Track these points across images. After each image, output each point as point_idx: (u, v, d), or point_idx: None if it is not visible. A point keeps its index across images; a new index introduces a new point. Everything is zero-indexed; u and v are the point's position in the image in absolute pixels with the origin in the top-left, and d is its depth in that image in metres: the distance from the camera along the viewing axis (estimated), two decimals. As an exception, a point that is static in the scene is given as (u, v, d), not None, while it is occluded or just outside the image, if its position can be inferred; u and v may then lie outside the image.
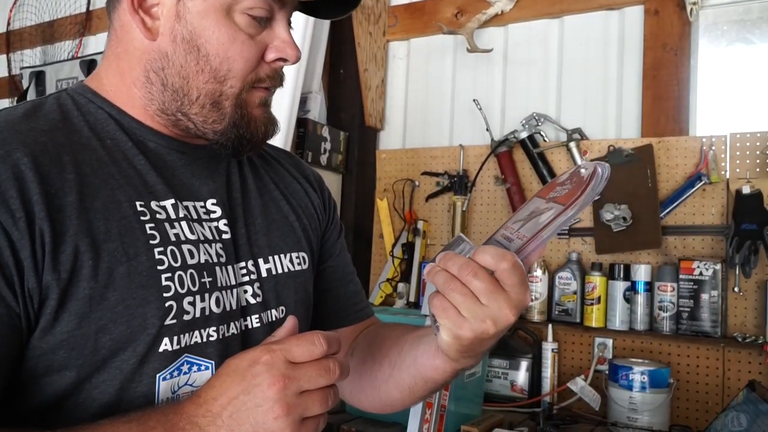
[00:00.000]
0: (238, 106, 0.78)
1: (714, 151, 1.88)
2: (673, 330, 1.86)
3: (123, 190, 0.72)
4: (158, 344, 0.69)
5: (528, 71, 2.27)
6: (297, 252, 0.89)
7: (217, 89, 0.76)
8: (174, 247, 0.72)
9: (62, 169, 0.68)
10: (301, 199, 0.96)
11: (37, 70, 2.52)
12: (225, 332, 0.76)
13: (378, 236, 2.45)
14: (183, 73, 0.76)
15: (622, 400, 1.74)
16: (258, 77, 0.78)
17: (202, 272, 0.74)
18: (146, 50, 0.77)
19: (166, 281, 0.70)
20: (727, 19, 2.02)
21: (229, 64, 0.76)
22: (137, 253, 0.69)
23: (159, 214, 0.73)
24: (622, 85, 2.11)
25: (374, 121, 2.48)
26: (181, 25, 0.75)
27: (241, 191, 0.87)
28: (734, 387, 1.77)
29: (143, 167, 0.76)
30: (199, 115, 0.77)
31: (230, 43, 0.75)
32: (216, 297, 0.75)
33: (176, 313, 0.70)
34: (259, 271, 0.83)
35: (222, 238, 0.79)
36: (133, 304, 0.68)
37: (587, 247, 2.06)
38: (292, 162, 1.01)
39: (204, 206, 0.80)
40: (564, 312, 2.02)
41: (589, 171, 0.72)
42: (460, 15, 2.35)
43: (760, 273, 1.79)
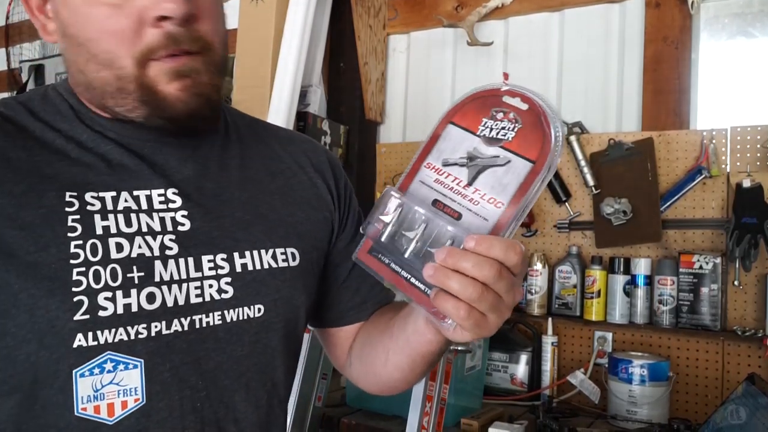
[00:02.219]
0: (143, 87, 0.70)
1: (714, 145, 1.88)
2: (672, 323, 1.86)
3: (54, 180, 0.69)
4: (72, 339, 0.66)
5: (528, 64, 2.26)
6: (283, 248, 0.82)
7: (110, 75, 0.70)
8: (97, 241, 0.69)
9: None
10: (304, 190, 0.89)
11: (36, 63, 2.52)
12: (162, 329, 0.71)
13: (378, 230, 2.44)
14: (79, 67, 0.72)
15: (622, 394, 1.74)
16: (148, 47, 0.69)
17: (130, 266, 0.70)
18: (63, 55, 0.75)
19: (77, 275, 0.67)
20: (728, 12, 2.02)
21: (102, 45, 0.69)
22: (47, 245, 0.66)
23: (91, 205, 0.70)
24: (623, 78, 2.10)
25: (374, 115, 2.48)
26: (58, 21, 0.72)
27: (220, 182, 0.81)
28: (734, 380, 1.77)
29: (93, 159, 0.73)
30: (118, 105, 0.73)
31: (93, 20, 0.68)
32: (148, 292, 0.70)
33: (88, 309, 0.66)
34: (233, 266, 0.77)
35: (177, 230, 0.74)
36: (37, 294, 0.65)
37: (587, 240, 2.06)
38: (304, 149, 0.93)
39: (163, 194, 0.75)
40: (564, 305, 2.02)
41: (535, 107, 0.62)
42: (461, 8, 2.35)
43: (760, 267, 1.79)
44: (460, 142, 0.66)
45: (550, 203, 2.13)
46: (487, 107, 0.66)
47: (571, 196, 2.09)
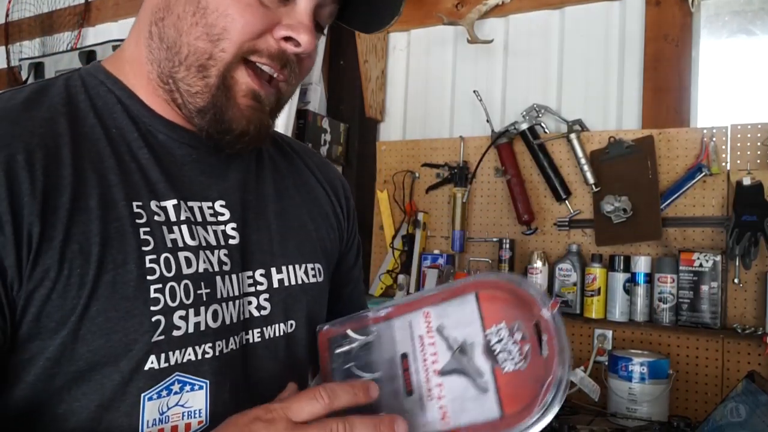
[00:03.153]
0: (223, 79, 0.68)
1: (715, 143, 1.88)
2: (672, 321, 1.86)
3: (121, 188, 0.66)
4: (144, 362, 0.63)
5: (528, 62, 2.26)
6: (313, 263, 0.83)
7: (207, 49, 0.67)
8: (169, 255, 0.66)
9: (59, 164, 0.63)
10: (322, 206, 0.90)
11: (36, 61, 2.52)
12: (223, 348, 0.70)
13: (378, 228, 2.45)
14: (178, 25, 0.68)
15: (622, 391, 1.74)
16: (256, 49, 0.68)
17: (199, 283, 0.68)
18: (155, 3, 0.71)
19: (155, 293, 0.64)
20: (729, 10, 2.01)
21: (225, 22, 0.66)
22: (126, 261, 0.63)
23: (158, 216, 0.67)
24: (623, 76, 2.10)
25: (374, 113, 2.48)
26: None
27: (256, 193, 0.80)
28: (733, 378, 1.77)
29: (147, 162, 0.70)
30: (184, 81, 0.69)
31: (235, 3, 0.67)
32: (213, 310, 0.69)
33: (165, 329, 0.64)
34: (271, 282, 0.77)
35: (228, 244, 0.73)
36: (115, 317, 0.62)
37: (587, 238, 2.06)
38: (319, 163, 0.94)
39: (212, 207, 0.73)
40: (564, 303, 2.02)
41: (552, 364, 0.53)
42: (461, 6, 2.35)
43: (760, 264, 1.79)
44: (466, 324, 0.60)
45: (550, 201, 2.13)
46: (515, 315, 0.59)
47: (571, 194, 2.09)
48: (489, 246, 2.23)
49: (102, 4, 3.32)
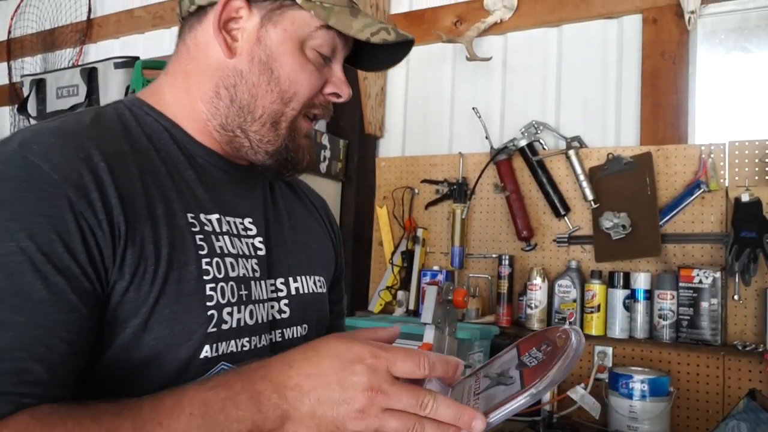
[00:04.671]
0: (291, 130, 0.84)
1: (713, 159, 1.88)
2: (673, 338, 1.85)
3: (178, 201, 0.77)
4: (200, 351, 0.73)
5: (527, 79, 2.27)
6: (318, 276, 0.96)
7: (280, 110, 0.83)
8: (219, 259, 0.77)
9: (130, 176, 0.73)
10: (319, 229, 1.03)
11: (37, 77, 2.52)
12: (256, 343, 0.81)
13: (377, 244, 2.45)
14: (253, 91, 0.82)
15: (623, 409, 1.74)
16: (313, 104, 0.86)
17: (240, 285, 0.79)
18: (220, 67, 0.83)
19: (210, 291, 0.75)
20: (725, 27, 2.03)
21: (296, 88, 0.83)
22: (187, 262, 0.74)
23: (206, 226, 0.79)
24: (621, 93, 2.11)
25: (374, 129, 2.48)
26: (260, 49, 0.82)
27: (274, 212, 0.93)
28: (734, 395, 1.76)
29: (193, 181, 0.81)
30: (257, 133, 0.83)
31: (300, 70, 0.83)
32: (250, 309, 0.80)
33: (216, 322, 0.75)
34: (289, 289, 0.89)
35: (257, 254, 0.85)
36: (178, 310, 0.71)
37: (587, 254, 2.06)
38: (318, 201, 1.09)
39: (242, 223, 0.85)
40: (563, 320, 2.02)
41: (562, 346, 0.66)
42: (460, 23, 2.36)
43: (759, 281, 1.79)
44: (508, 362, 0.71)
45: (549, 217, 2.13)
46: (542, 339, 0.71)
47: (570, 210, 2.10)
48: (488, 262, 2.23)
49: (104, 21, 3.34)
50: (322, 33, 0.83)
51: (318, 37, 0.83)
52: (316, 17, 0.82)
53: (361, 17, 0.84)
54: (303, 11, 0.82)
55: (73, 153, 0.68)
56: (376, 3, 2.44)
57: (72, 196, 0.66)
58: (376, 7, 2.44)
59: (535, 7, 2.24)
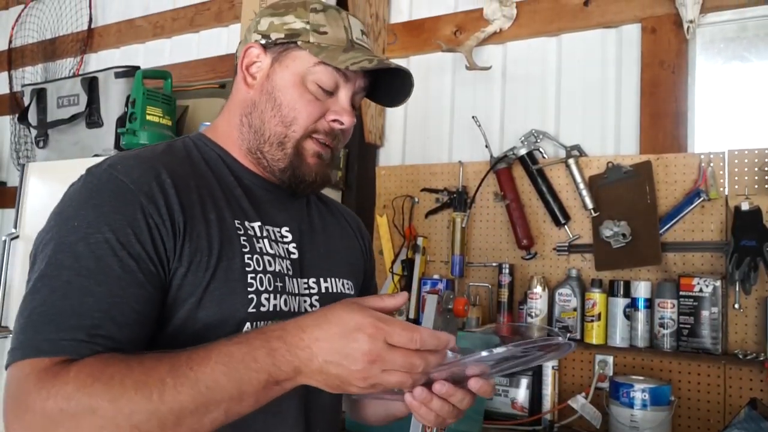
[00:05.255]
0: (296, 149, 1.00)
1: (712, 168, 1.89)
2: (673, 347, 1.85)
3: (227, 210, 0.95)
4: (242, 327, 0.90)
5: (526, 88, 2.28)
6: (347, 279, 1.12)
7: (283, 132, 0.99)
8: (258, 256, 0.95)
9: (190, 189, 0.92)
10: (352, 242, 1.20)
11: (38, 87, 2.53)
12: None
13: (378, 252, 2.44)
14: (262, 117, 1.00)
15: (624, 418, 1.73)
16: (316, 129, 1.00)
17: (276, 278, 0.96)
18: (243, 100, 1.03)
19: (250, 279, 0.92)
20: (724, 36, 2.04)
21: (294, 114, 0.99)
22: (234, 255, 0.92)
23: (249, 231, 0.97)
24: (620, 102, 2.12)
25: (374, 138, 2.49)
26: (268, 83, 1.01)
27: (309, 225, 1.10)
28: (735, 404, 1.76)
29: (240, 196, 1.00)
30: (269, 153, 1.01)
31: (298, 99, 0.99)
32: (284, 298, 0.97)
33: (256, 304, 0.92)
34: (320, 288, 1.06)
35: (290, 257, 1.02)
36: (226, 292, 0.89)
37: (587, 263, 2.06)
38: (349, 215, 1.27)
39: (279, 231, 1.03)
40: (564, 329, 2.02)
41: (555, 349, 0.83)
42: (459, 33, 2.37)
43: (760, 289, 1.79)
44: None
45: (549, 226, 2.13)
46: None
47: (571, 219, 2.10)
48: (488, 271, 2.23)
49: (104, 30, 3.36)
50: (320, 68, 0.98)
51: (317, 72, 0.99)
52: (311, 55, 0.98)
53: (354, 53, 0.98)
54: (303, 51, 0.99)
55: (146, 171, 0.89)
56: (375, 13, 2.45)
57: (144, 201, 0.86)
58: (376, 17, 2.45)
59: (535, 17, 2.25)
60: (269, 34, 1.02)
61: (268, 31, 1.02)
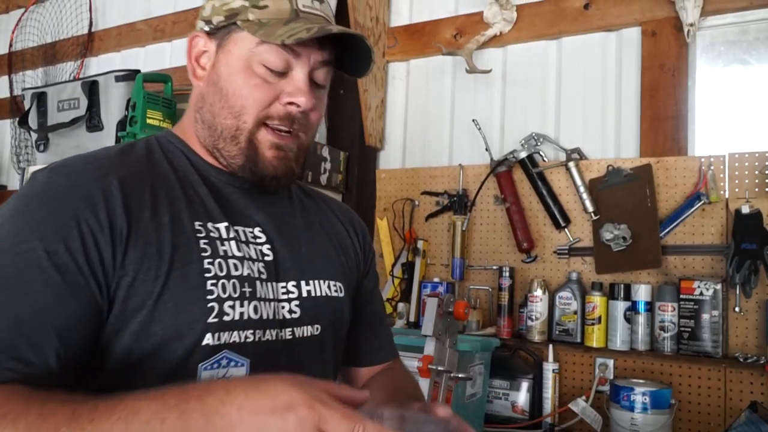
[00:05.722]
0: (250, 142, 0.91)
1: (713, 171, 1.89)
2: (674, 350, 1.85)
3: (186, 211, 0.88)
4: (202, 339, 0.82)
5: (527, 91, 2.28)
6: (334, 281, 1.03)
7: (233, 124, 0.91)
8: (221, 260, 0.86)
9: (141, 191, 0.85)
10: (343, 239, 1.10)
11: (38, 91, 2.53)
12: (261, 337, 0.88)
13: (378, 256, 2.44)
14: (212, 111, 0.93)
15: (624, 421, 1.73)
16: (269, 115, 0.91)
17: (243, 283, 0.87)
18: (196, 95, 0.96)
19: (210, 286, 0.84)
20: (724, 39, 2.04)
21: (242, 102, 0.90)
22: (191, 261, 0.84)
23: (212, 233, 0.88)
24: (621, 105, 2.12)
25: (374, 141, 2.49)
26: (214, 72, 0.93)
27: (289, 222, 1.01)
28: (736, 408, 1.76)
29: (205, 195, 0.92)
30: (224, 149, 0.93)
31: (244, 84, 0.90)
32: (254, 305, 0.88)
33: (217, 314, 0.83)
34: (300, 292, 0.97)
35: (264, 260, 0.93)
36: (182, 302, 0.81)
37: (587, 266, 2.06)
38: (340, 208, 1.17)
39: (252, 232, 0.94)
40: (564, 332, 2.01)
41: None
42: (459, 36, 2.38)
43: (760, 293, 1.79)
44: None
45: (549, 229, 2.13)
46: None
47: (571, 222, 2.10)
48: (489, 274, 2.23)
49: (105, 34, 3.36)
50: (264, 48, 0.89)
51: (261, 52, 0.89)
52: (251, 34, 0.89)
53: (295, 23, 0.89)
54: (243, 31, 0.90)
55: (90, 173, 0.83)
56: (376, 16, 2.46)
57: (80, 206, 0.79)
58: (376, 20, 2.45)
59: (535, 20, 2.25)
60: (211, 18, 0.93)
61: (210, 16, 0.94)
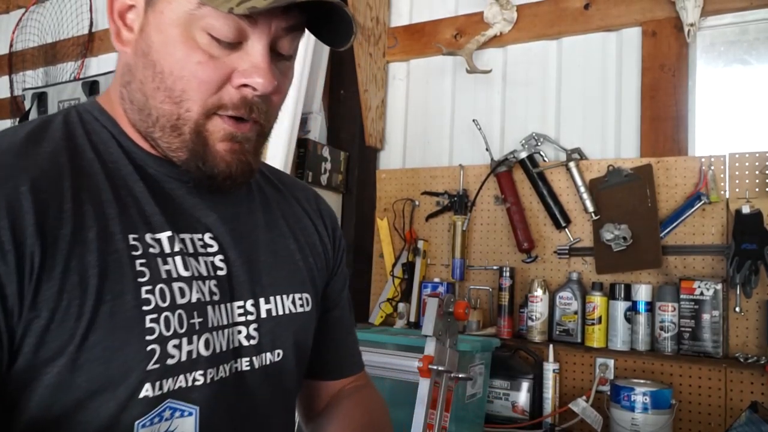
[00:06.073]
0: (197, 134, 0.71)
1: (713, 171, 1.89)
2: (674, 350, 1.85)
3: (118, 221, 0.68)
4: (139, 390, 0.65)
5: (527, 92, 2.28)
6: (300, 293, 0.85)
7: (173, 111, 0.70)
8: (164, 286, 0.68)
9: (61, 197, 0.64)
10: (310, 236, 0.92)
11: (39, 91, 2.54)
12: (214, 376, 0.72)
13: (378, 256, 2.44)
14: (143, 90, 0.71)
15: (624, 422, 1.73)
16: (221, 103, 0.70)
17: (192, 312, 0.69)
18: (120, 63, 0.74)
19: (150, 323, 0.66)
20: (724, 39, 2.04)
21: (183, 84, 0.69)
22: (123, 292, 0.65)
23: (152, 248, 0.69)
24: (621, 105, 2.12)
25: (374, 141, 2.49)
26: (142, 38, 0.70)
27: (247, 224, 0.82)
28: (736, 408, 1.76)
29: (142, 195, 0.71)
30: (162, 140, 0.72)
31: (184, 61, 0.68)
32: (205, 339, 0.71)
33: (159, 358, 0.66)
34: (259, 312, 0.79)
35: (217, 275, 0.75)
36: (113, 347, 0.63)
37: (587, 266, 2.06)
38: (307, 196, 0.97)
39: (201, 239, 0.75)
40: (565, 332, 2.01)
41: None
42: (460, 36, 2.38)
43: (761, 293, 1.79)
44: None
45: (550, 229, 2.13)
46: None
47: (571, 222, 2.10)
48: (489, 274, 2.23)
49: (105, 34, 3.35)
50: (208, 10, 0.67)
51: (205, 16, 0.67)
52: None
53: None
54: None
55: None
56: (376, 16, 2.45)
57: None
58: (376, 20, 2.45)
59: (535, 20, 2.25)
60: None
61: None
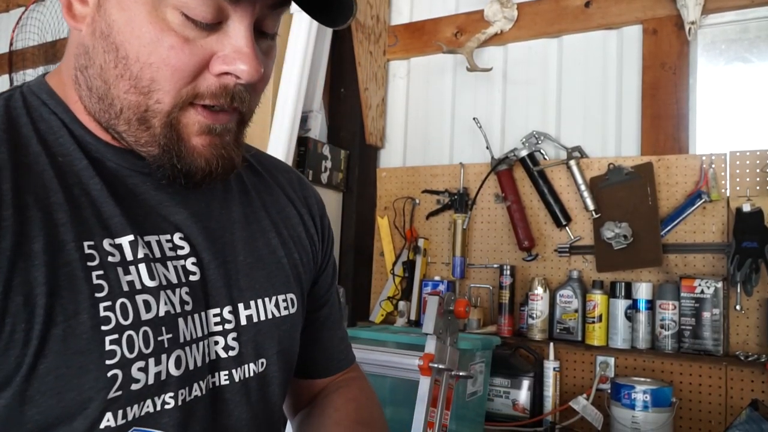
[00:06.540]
0: (169, 128, 0.62)
1: (714, 169, 1.89)
2: (675, 348, 1.85)
3: (70, 227, 0.58)
4: (99, 421, 0.57)
5: (527, 90, 2.28)
6: (284, 294, 0.77)
7: (141, 102, 0.61)
8: (126, 300, 0.59)
9: (1, 203, 0.55)
10: (294, 227, 0.83)
11: (39, 89, 2.54)
12: (186, 396, 0.64)
13: (379, 254, 2.44)
14: (104, 76, 0.61)
15: (625, 420, 1.73)
16: (197, 92, 0.61)
17: (159, 328, 0.61)
18: (74, 42, 0.64)
19: (111, 345, 0.57)
20: (725, 38, 2.04)
21: (152, 73, 0.59)
22: (77, 311, 0.56)
23: (112, 256, 0.60)
24: (622, 103, 2.12)
25: (375, 140, 2.49)
26: (100, 15, 0.60)
27: (221, 220, 0.72)
28: (737, 406, 1.76)
29: (99, 193, 0.62)
30: (128, 133, 0.63)
31: (154, 45, 0.58)
32: (176, 356, 0.62)
33: (122, 383, 0.58)
34: (238, 319, 0.71)
35: (189, 281, 0.66)
36: (68, 374, 0.55)
37: (588, 264, 2.06)
38: (290, 179, 0.87)
39: (170, 240, 0.66)
40: (565, 330, 2.01)
41: None
42: (460, 34, 2.37)
43: (761, 291, 1.79)
44: None
45: (550, 227, 2.13)
46: None
47: (572, 221, 2.10)
48: (490, 272, 2.23)
49: (105, 32, 3.36)
50: None
51: None
52: None
53: None
54: None
55: None
56: (376, 15, 2.45)
57: None
58: (376, 18, 2.45)
59: (536, 18, 2.25)
60: None
61: None
